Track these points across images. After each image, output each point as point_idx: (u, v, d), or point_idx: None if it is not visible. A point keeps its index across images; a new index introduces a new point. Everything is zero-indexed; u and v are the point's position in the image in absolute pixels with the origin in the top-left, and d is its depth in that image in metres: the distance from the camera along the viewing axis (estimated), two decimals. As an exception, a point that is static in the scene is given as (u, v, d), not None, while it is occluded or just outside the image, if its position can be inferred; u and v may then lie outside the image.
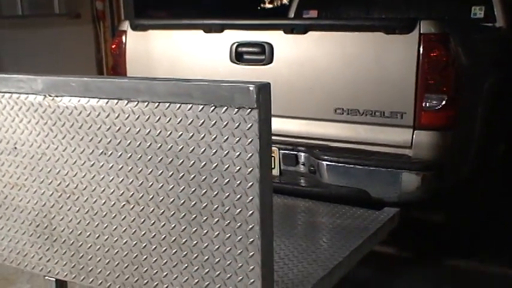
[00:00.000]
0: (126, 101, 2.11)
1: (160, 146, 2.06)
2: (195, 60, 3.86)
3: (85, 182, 2.28)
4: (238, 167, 1.92)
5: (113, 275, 2.29)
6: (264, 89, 1.87)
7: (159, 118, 2.05)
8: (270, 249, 1.99)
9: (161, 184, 2.09)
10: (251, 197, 1.91)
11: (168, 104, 2.02)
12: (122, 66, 4.17)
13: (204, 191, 2.00)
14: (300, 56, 3.57)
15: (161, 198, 2.10)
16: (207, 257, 2.04)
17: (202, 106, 1.95)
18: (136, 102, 2.08)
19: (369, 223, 3.07)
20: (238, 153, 1.91)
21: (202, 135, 1.97)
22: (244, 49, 3.69)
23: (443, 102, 3.23)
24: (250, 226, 1.93)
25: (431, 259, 3.92)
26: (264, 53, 3.63)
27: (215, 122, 1.94)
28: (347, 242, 2.78)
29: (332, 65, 3.49)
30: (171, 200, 2.08)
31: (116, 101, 2.13)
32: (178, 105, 1.99)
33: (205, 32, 3.77)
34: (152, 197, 2.12)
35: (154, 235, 2.15)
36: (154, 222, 2.14)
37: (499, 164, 4.40)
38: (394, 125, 3.33)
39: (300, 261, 2.57)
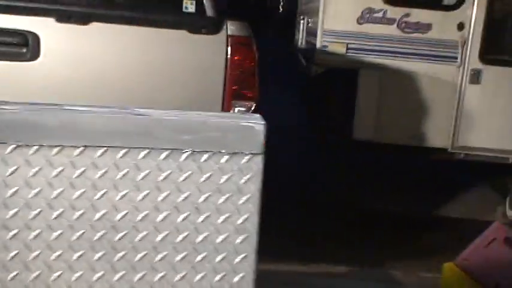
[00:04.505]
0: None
1: (83, 213, 1.30)
2: None
3: None
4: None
5: None
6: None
7: (83, 170, 1.29)
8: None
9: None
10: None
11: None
12: None
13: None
14: (80, 52, 2.84)
15: None
16: None
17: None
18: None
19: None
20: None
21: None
22: (-9, 38, 2.74)
23: (251, 110, 3.03)
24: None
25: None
26: (26, 45, 2.77)
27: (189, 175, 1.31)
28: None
29: (124, 65, 2.88)
30: None
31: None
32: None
33: None
34: None
35: None
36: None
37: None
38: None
39: None
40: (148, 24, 2.89)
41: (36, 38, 2.79)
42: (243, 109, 3.03)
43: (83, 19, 2.82)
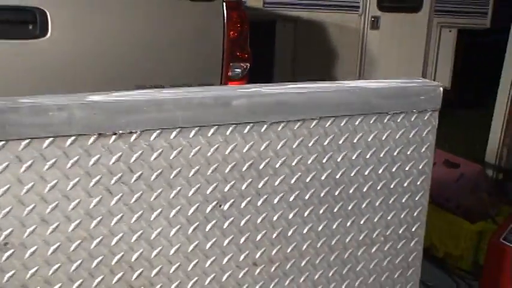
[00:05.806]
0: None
1: (315, 173, 1.53)
2: None
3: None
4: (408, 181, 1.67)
5: None
6: (439, 86, 1.67)
7: (317, 138, 1.50)
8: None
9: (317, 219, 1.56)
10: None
11: (332, 119, 1.50)
12: None
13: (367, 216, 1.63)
14: (89, 24, 2.82)
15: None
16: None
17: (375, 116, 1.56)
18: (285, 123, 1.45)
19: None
20: (412, 163, 1.65)
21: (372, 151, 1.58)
22: (-5, 16, 2.63)
23: (246, 71, 3.25)
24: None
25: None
26: (34, 22, 2.70)
27: (389, 133, 1.59)
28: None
29: (130, 36, 2.92)
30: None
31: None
32: (346, 118, 1.52)
33: None
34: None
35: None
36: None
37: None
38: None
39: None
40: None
41: (43, 14, 2.73)
42: (239, 70, 3.23)
43: (90, -10, 2.79)
